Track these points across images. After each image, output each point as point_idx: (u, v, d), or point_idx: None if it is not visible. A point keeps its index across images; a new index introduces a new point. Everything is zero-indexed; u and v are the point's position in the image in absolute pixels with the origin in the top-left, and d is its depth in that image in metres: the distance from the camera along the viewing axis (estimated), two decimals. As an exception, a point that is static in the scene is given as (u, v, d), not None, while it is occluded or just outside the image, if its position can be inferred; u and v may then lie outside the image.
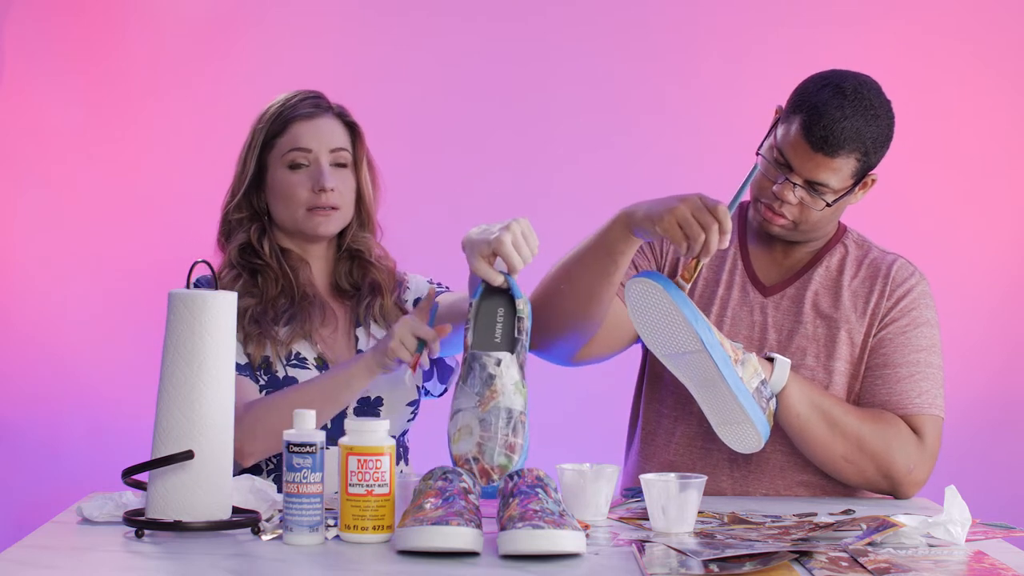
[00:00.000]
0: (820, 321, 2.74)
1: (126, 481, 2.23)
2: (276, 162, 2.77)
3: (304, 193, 2.75)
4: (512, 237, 2.38)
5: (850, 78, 2.66)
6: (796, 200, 2.66)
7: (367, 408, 2.72)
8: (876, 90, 2.68)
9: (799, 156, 2.64)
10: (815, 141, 2.61)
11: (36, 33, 3.78)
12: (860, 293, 2.76)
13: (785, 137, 2.65)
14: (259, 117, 2.81)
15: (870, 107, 2.64)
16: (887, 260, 2.79)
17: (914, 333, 2.73)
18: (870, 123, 2.63)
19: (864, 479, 2.66)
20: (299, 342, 2.73)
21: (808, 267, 2.78)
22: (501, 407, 2.31)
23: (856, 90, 2.64)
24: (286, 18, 3.83)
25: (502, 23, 3.84)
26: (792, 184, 2.65)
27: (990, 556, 2.09)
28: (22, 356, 3.81)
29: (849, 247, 2.81)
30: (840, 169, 2.64)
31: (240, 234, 2.78)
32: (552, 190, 3.79)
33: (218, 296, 2.20)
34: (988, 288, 3.78)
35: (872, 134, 2.63)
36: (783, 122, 2.67)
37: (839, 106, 2.61)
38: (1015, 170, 3.79)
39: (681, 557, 2.05)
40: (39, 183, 3.80)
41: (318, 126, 2.77)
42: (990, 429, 3.76)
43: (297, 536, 2.14)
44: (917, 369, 2.71)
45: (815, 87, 2.65)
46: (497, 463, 2.28)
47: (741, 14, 3.81)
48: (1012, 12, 3.78)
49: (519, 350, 2.36)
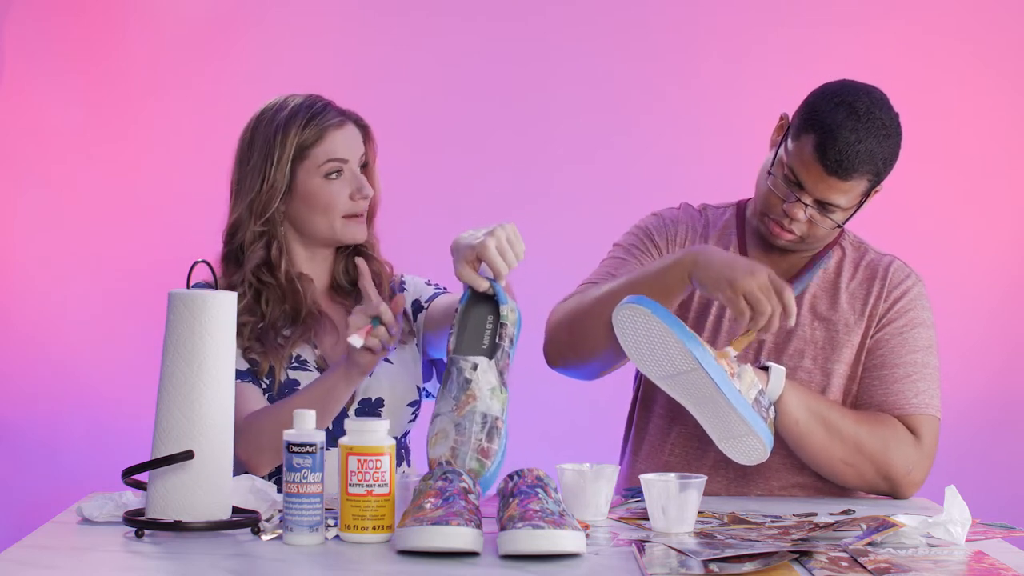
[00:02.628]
0: (818, 323, 2.74)
1: (126, 481, 2.23)
2: (311, 172, 2.73)
3: (344, 200, 2.74)
4: (496, 242, 2.36)
5: (862, 95, 2.64)
6: (806, 218, 2.66)
7: (368, 409, 2.72)
8: (886, 106, 2.66)
9: (811, 177, 2.62)
10: (829, 165, 2.60)
11: (36, 33, 3.79)
12: (858, 295, 2.76)
13: (797, 157, 2.63)
14: (281, 126, 2.73)
15: (883, 127, 2.62)
16: (884, 262, 2.79)
17: (911, 334, 2.73)
18: (882, 144, 2.62)
19: (863, 481, 2.65)
20: (300, 346, 2.73)
21: (806, 270, 2.78)
22: (476, 412, 2.30)
23: (869, 110, 2.61)
24: (286, 18, 3.83)
25: (502, 23, 3.84)
26: (803, 203, 2.65)
27: (990, 556, 2.09)
28: (22, 356, 3.81)
29: (846, 249, 2.81)
30: (852, 190, 2.63)
31: (259, 251, 2.75)
32: (552, 190, 3.79)
33: (218, 296, 2.20)
34: (988, 288, 3.78)
35: (884, 154, 2.63)
36: (793, 139, 2.65)
37: (853, 128, 2.59)
38: (1015, 170, 3.79)
39: (681, 557, 2.05)
40: (39, 183, 3.80)
41: (348, 134, 2.76)
42: (990, 429, 3.76)
43: (297, 536, 2.14)
44: (914, 369, 2.71)
45: (828, 105, 2.62)
46: (469, 467, 2.27)
47: (741, 14, 3.81)
48: (1012, 12, 3.78)
49: (499, 356, 2.34)
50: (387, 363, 2.75)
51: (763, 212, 2.72)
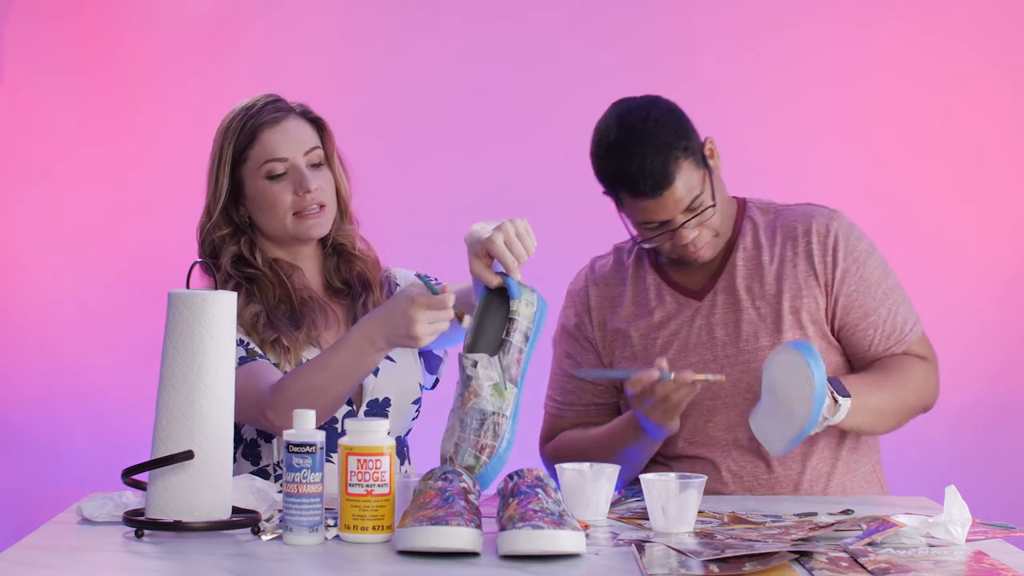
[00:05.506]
0: (759, 302, 2.76)
1: (126, 481, 2.23)
2: (252, 174, 2.73)
3: (288, 198, 2.72)
4: (504, 236, 2.37)
5: (610, 123, 2.70)
6: (696, 229, 2.71)
7: (376, 409, 2.71)
8: (632, 107, 2.71)
9: (655, 210, 2.68)
10: (650, 191, 2.66)
11: (36, 33, 3.78)
12: (786, 259, 2.77)
13: (635, 210, 2.70)
14: (222, 131, 2.76)
15: (644, 125, 2.67)
16: (800, 217, 2.80)
17: (866, 272, 2.77)
18: (658, 134, 2.66)
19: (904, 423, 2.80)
20: (308, 348, 2.71)
21: (726, 257, 2.79)
22: (476, 408, 2.31)
23: (621, 126, 2.68)
24: (285, 18, 3.83)
25: (502, 23, 3.84)
26: (679, 227, 2.69)
27: (990, 556, 2.09)
28: (22, 356, 3.81)
29: (756, 219, 2.82)
30: (688, 180, 2.68)
31: (230, 247, 2.75)
32: (552, 190, 3.78)
33: (218, 296, 2.20)
34: (988, 288, 3.78)
35: (671, 136, 2.67)
36: (617, 205, 2.74)
37: (630, 153, 2.66)
38: (1014, 170, 3.79)
39: (681, 557, 2.05)
40: (39, 182, 3.80)
41: (287, 130, 2.74)
42: (990, 429, 3.76)
43: (297, 536, 2.14)
44: (889, 302, 2.78)
45: (601, 158, 2.70)
46: (466, 463, 2.28)
47: (740, 14, 3.81)
48: (1012, 12, 3.78)
49: (506, 351, 2.35)
50: (390, 361, 2.74)
51: (670, 257, 2.78)
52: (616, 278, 2.86)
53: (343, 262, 2.81)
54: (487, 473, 2.29)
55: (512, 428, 2.32)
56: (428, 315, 2.43)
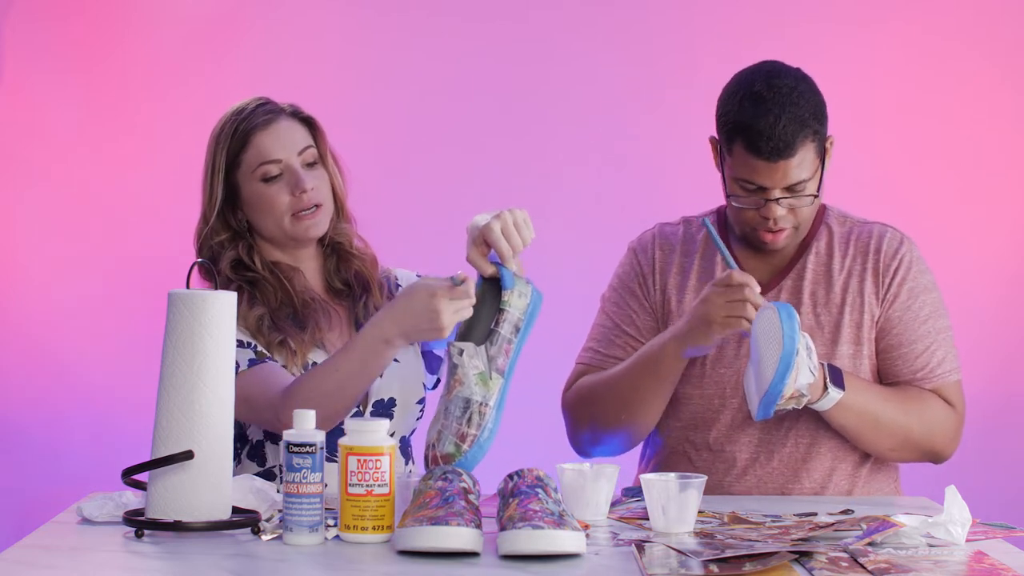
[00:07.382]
0: (821, 309, 2.74)
1: (126, 481, 2.23)
2: (247, 178, 2.73)
3: (285, 199, 2.71)
4: (502, 225, 2.37)
5: (757, 78, 2.67)
6: (786, 211, 2.67)
7: (381, 410, 2.71)
8: (783, 71, 2.69)
9: (763, 174, 2.64)
10: (769, 154, 2.62)
11: (36, 33, 3.79)
12: (854, 272, 2.76)
13: (740, 166, 2.66)
14: (214, 137, 2.75)
15: (790, 92, 2.64)
16: (873, 234, 2.79)
17: (917, 304, 2.75)
18: (801, 105, 2.64)
19: (907, 460, 2.76)
20: (313, 351, 2.71)
21: (797, 257, 2.78)
22: (460, 396, 2.33)
23: (769, 87, 2.65)
24: (285, 18, 3.83)
25: (501, 23, 3.84)
26: (775, 200, 2.66)
27: (990, 556, 2.09)
28: (22, 356, 3.81)
29: (832, 227, 2.81)
30: (804, 160, 2.65)
31: (228, 252, 2.75)
32: (552, 190, 3.79)
33: (218, 296, 2.20)
34: (987, 288, 3.78)
35: (808, 111, 2.64)
36: (728, 154, 2.68)
37: (767, 111, 2.62)
38: (1014, 170, 3.79)
39: (681, 557, 2.05)
40: (39, 182, 3.81)
41: (279, 132, 2.73)
42: (990, 429, 3.76)
43: (297, 536, 2.14)
44: (930, 340, 2.74)
45: (734, 106, 2.66)
46: (445, 451, 2.30)
47: (740, 14, 3.81)
48: (1012, 12, 3.78)
49: (493, 341, 2.35)
50: (394, 361, 2.74)
51: (745, 229, 2.73)
52: (685, 248, 2.83)
53: (341, 261, 2.81)
54: (467, 462, 2.31)
55: (496, 418, 2.33)
56: (453, 305, 2.43)
